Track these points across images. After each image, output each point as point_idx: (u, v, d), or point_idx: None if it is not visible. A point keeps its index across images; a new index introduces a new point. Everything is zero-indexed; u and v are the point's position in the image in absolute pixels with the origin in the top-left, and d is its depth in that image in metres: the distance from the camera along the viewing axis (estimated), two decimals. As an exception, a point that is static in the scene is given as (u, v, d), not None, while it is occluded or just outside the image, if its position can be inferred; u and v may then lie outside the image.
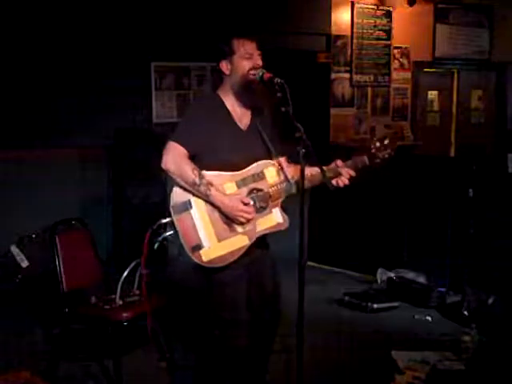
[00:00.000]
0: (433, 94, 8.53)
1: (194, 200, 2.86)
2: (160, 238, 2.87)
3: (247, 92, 2.97)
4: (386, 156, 3.08)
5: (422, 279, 5.44)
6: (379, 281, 5.68)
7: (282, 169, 3.00)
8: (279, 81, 2.82)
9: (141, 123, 6.35)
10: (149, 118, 6.47)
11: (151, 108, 6.49)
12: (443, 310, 4.97)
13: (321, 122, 7.25)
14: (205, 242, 2.84)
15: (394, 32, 7.82)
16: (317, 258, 6.15)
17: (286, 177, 2.99)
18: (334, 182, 3.06)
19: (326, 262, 6.33)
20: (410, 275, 5.49)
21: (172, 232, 2.85)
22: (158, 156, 2.99)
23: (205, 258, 2.84)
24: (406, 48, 8.01)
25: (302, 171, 2.69)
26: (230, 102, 3.02)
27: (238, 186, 2.92)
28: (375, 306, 5.03)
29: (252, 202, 2.91)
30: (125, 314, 3.61)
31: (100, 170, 6.21)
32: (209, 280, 2.96)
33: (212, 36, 6.00)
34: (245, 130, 3.04)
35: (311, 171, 2.91)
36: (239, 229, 2.90)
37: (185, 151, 2.86)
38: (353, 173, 3.05)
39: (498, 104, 8.93)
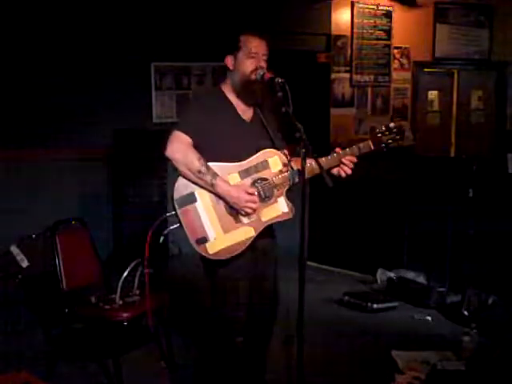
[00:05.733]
0: (433, 94, 8.53)
1: (198, 192, 2.82)
2: (165, 232, 2.83)
3: (247, 91, 2.96)
4: (391, 142, 2.98)
5: (421, 279, 5.44)
6: (379, 281, 5.68)
7: (286, 157, 2.94)
8: (280, 81, 2.81)
9: (141, 123, 6.35)
10: (149, 117, 6.48)
11: (151, 108, 6.50)
12: (443, 310, 4.97)
13: (321, 121, 7.25)
14: (210, 235, 2.81)
15: (393, 32, 7.82)
16: (317, 258, 6.15)
17: (290, 165, 2.93)
18: (335, 171, 2.98)
19: (326, 262, 6.33)
20: (410, 275, 5.49)
21: (177, 225, 2.79)
22: (158, 156, 2.97)
23: (210, 251, 2.81)
24: (405, 48, 8.01)
25: (303, 171, 2.68)
26: (233, 96, 3.00)
27: (242, 177, 2.90)
28: (375, 305, 5.03)
29: (256, 192, 2.89)
30: (125, 314, 3.61)
31: (100, 170, 6.22)
32: (211, 274, 2.95)
33: (212, 36, 6.04)
34: (248, 121, 3.03)
35: (310, 161, 2.84)
36: (245, 220, 2.88)
37: (189, 140, 2.83)
38: (355, 159, 2.96)
39: (498, 104, 8.92)
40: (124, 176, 6.11)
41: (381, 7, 7.69)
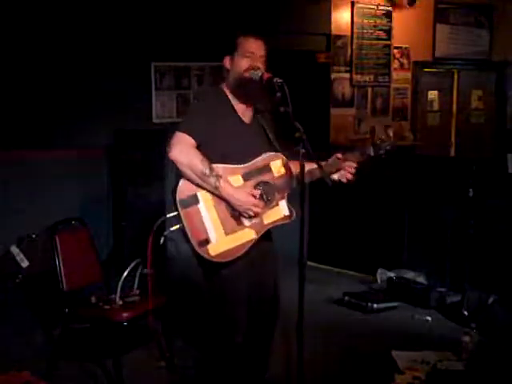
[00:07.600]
0: (433, 94, 8.54)
1: (200, 194, 2.81)
2: (166, 233, 2.81)
3: (241, 89, 2.96)
4: (389, 148, 3.05)
5: (421, 279, 5.44)
6: (379, 281, 5.68)
7: (287, 162, 2.96)
8: (278, 81, 2.81)
9: (141, 123, 6.35)
10: (149, 117, 6.48)
11: (151, 108, 6.49)
12: (443, 310, 4.97)
13: (321, 121, 7.25)
14: (212, 236, 2.79)
15: (393, 32, 7.83)
16: (317, 258, 6.14)
17: (290, 170, 2.94)
18: (335, 176, 3.04)
19: (326, 262, 6.33)
20: (410, 275, 5.49)
21: (179, 226, 2.77)
22: (158, 156, 2.98)
23: (212, 253, 2.79)
24: (406, 48, 8.02)
25: (302, 171, 2.68)
26: (232, 97, 3.01)
27: (245, 179, 2.89)
28: (375, 305, 5.02)
29: (259, 195, 2.89)
30: (125, 314, 3.61)
31: (100, 170, 6.22)
32: (210, 276, 2.95)
33: (212, 36, 6.04)
34: (248, 123, 3.04)
35: (310, 165, 2.87)
36: (246, 222, 2.88)
37: (193, 141, 2.81)
38: (355, 165, 3.02)
39: (498, 104, 8.93)
40: (124, 176, 6.11)
41: (381, 7, 7.69)
